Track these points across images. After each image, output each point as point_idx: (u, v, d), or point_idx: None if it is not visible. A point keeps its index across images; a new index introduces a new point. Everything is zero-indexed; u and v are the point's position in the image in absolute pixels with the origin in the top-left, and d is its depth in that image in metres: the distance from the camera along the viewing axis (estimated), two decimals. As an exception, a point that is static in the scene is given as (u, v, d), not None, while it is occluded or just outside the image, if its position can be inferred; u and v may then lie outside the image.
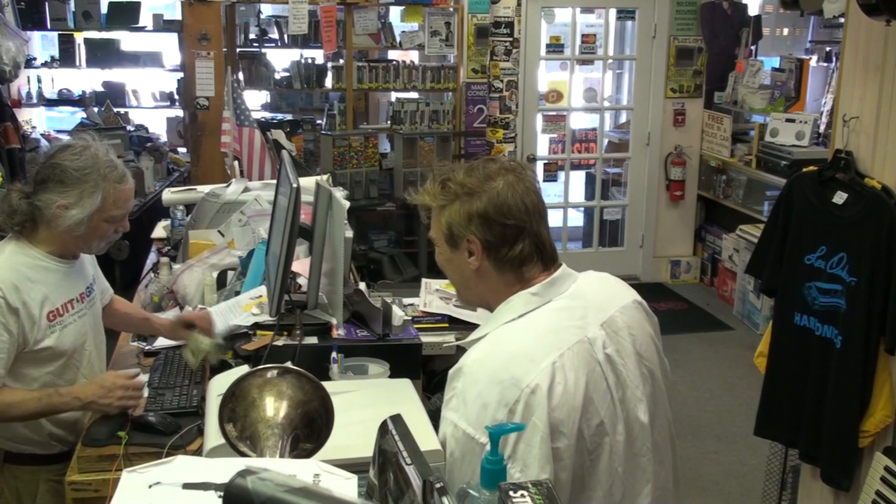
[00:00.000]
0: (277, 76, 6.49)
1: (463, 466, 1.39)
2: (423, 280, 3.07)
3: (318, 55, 6.44)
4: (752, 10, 6.72)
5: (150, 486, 1.09)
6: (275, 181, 2.98)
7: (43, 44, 7.08)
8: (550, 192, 7.08)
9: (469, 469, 1.37)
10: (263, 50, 6.52)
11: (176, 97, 6.91)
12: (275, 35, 6.58)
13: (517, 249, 1.49)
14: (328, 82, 6.41)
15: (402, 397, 1.83)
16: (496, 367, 1.41)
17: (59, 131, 6.89)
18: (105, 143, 2.25)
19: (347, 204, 2.35)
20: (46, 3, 6.34)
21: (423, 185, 1.59)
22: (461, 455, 1.39)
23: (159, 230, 3.85)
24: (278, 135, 5.02)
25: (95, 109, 6.73)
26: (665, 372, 1.62)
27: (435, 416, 1.67)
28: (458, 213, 1.50)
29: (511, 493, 1.08)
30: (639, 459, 1.51)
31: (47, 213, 2.12)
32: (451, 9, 6.10)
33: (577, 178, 7.10)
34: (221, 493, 0.93)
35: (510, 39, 4.54)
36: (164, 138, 6.84)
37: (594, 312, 1.51)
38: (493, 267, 1.51)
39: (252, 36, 6.49)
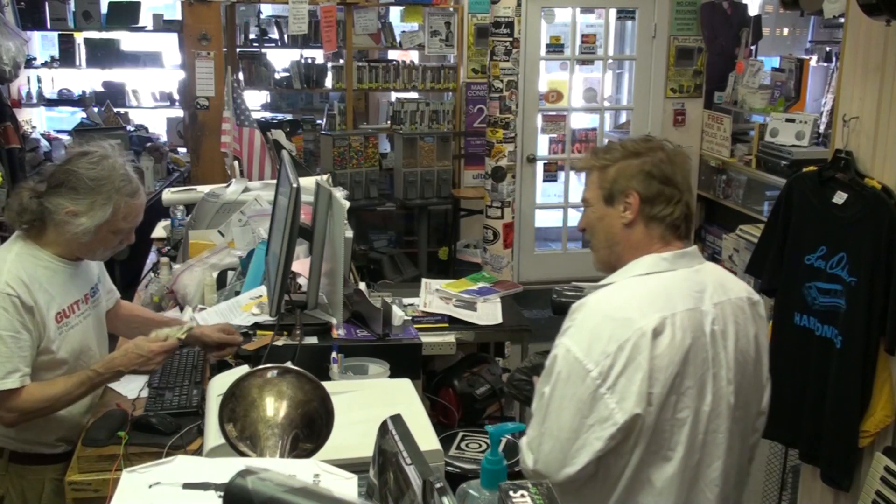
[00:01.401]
0: (277, 76, 6.48)
1: (567, 385, 1.57)
2: (423, 280, 3.08)
3: (318, 55, 6.44)
4: (752, 10, 6.71)
5: (150, 486, 1.09)
6: (275, 181, 2.98)
7: (43, 44, 7.07)
8: (550, 193, 7.07)
9: (571, 388, 1.56)
10: (263, 50, 6.51)
11: (176, 97, 6.91)
12: (275, 35, 6.57)
13: (668, 210, 1.67)
14: (328, 82, 6.40)
15: (402, 397, 1.84)
16: (615, 307, 1.59)
17: (59, 131, 6.88)
18: (123, 154, 2.24)
19: (347, 204, 2.35)
20: (46, 3, 6.33)
21: (580, 157, 1.72)
22: (567, 375, 1.57)
23: (159, 230, 3.85)
24: (278, 135, 5.01)
25: (95, 109, 6.72)
26: (759, 376, 1.74)
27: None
28: (624, 169, 1.68)
29: (511, 493, 1.07)
30: (716, 436, 1.64)
31: (56, 216, 2.12)
32: (451, 9, 6.10)
33: (578, 179, 7.09)
34: (221, 493, 0.93)
35: (510, 39, 4.54)
36: (164, 138, 6.83)
37: (711, 291, 1.65)
38: (643, 223, 1.68)
39: (252, 36, 6.49)
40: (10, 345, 2.04)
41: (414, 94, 6.46)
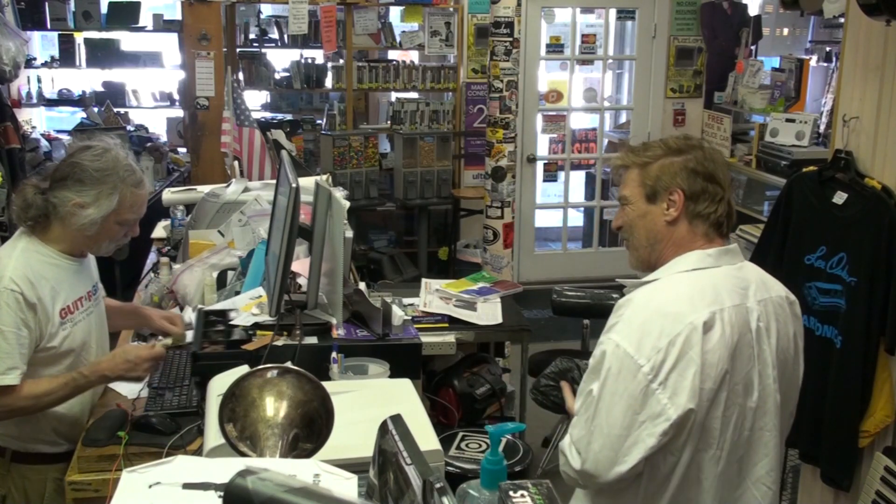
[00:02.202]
0: (277, 76, 6.48)
1: (618, 380, 1.54)
2: (423, 280, 3.08)
3: (318, 55, 6.44)
4: (752, 10, 6.72)
5: (150, 486, 1.09)
6: (275, 181, 2.98)
7: (43, 44, 7.07)
8: (550, 192, 7.08)
9: (622, 384, 1.53)
10: (263, 50, 6.51)
11: (176, 97, 6.91)
12: (275, 35, 6.57)
13: (713, 208, 1.66)
14: (328, 82, 6.41)
15: (402, 397, 1.83)
16: (664, 301, 1.58)
17: (59, 131, 6.88)
18: (124, 147, 2.28)
19: (347, 204, 2.35)
20: (46, 3, 6.33)
21: (616, 155, 1.78)
22: (618, 370, 1.54)
23: (159, 230, 3.85)
24: (278, 135, 5.01)
25: (95, 109, 6.72)
26: (797, 376, 1.74)
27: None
28: (668, 166, 1.67)
29: (511, 492, 1.07)
30: (763, 433, 1.63)
31: (62, 210, 2.14)
32: (451, 9, 6.10)
33: (577, 178, 7.09)
34: (221, 493, 0.93)
35: (510, 39, 4.54)
36: (164, 138, 6.83)
37: (754, 289, 1.65)
38: (686, 221, 1.66)
39: (252, 36, 6.49)
40: (11, 341, 2.05)
41: (414, 94, 6.46)
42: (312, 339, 2.27)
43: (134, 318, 2.56)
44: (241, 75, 6.10)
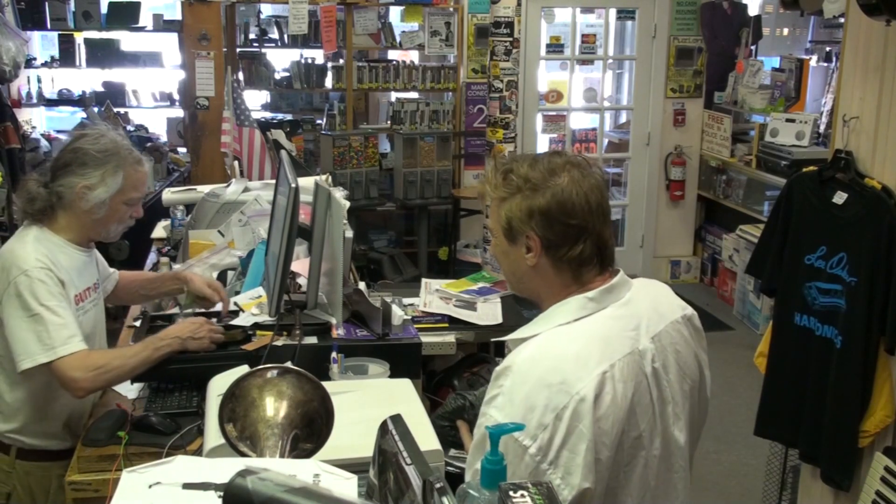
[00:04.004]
0: (277, 76, 6.49)
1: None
2: (423, 280, 3.07)
3: (318, 55, 6.44)
4: (752, 11, 6.72)
5: (150, 486, 1.09)
6: (275, 181, 2.98)
7: (43, 44, 7.07)
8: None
9: (509, 469, 1.34)
10: (263, 50, 6.51)
11: (176, 97, 6.91)
12: (275, 35, 6.58)
13: (577, 250, 1.46)
14: (328, 82, 6.41)
15: (402, 397, 1.84)
16: (547, 369, 1.38)
17: (59, 131, 6.88)
18: (119, 132, 2.34)
19: (347, 204, 2.35)
20: (46, 3, 6.34)
21: (485, 174, 1.59)
22: (503, 454, 1.35)
23: (159, 230, 3.85)
24: (278, 135, 5.01)
25: (95, 109, 6.71)
26: (705, 396, 1.61)
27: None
28: (519, 208, 1.46)
29: (511, 493, 1.07)
30: (672, 475, 1.49)
31: (69, 196, 2.18)
32: (451, 9, 6.10)
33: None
34: (221, 493, 0.93)
35: (510, 39, 4.54)
36: (164, 138, 6.83)
37: (646, 324, 1.48)
38: (550, 265, 1.48)
39: (252, 36, 6.49)
40: (60, 312, 2.08)
41: (414, 94, 6.47)
42: (312, 339, 2.27)
43: (175, 282, 2.56)
44: (241, 75, 6.10)
